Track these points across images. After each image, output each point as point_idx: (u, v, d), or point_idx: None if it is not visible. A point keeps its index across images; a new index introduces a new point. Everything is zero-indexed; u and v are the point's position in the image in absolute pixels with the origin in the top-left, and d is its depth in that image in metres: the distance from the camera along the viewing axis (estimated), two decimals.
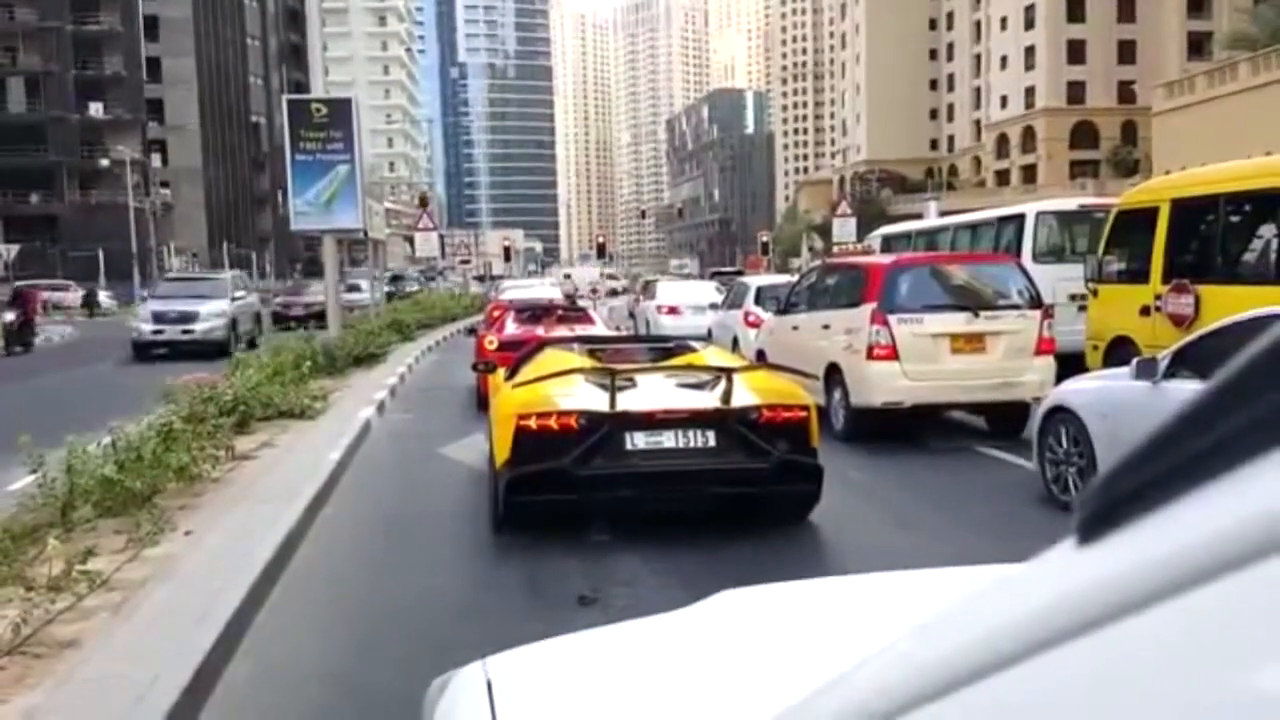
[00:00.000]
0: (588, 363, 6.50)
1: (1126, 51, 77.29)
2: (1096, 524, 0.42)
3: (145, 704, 3.47)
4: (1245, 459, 0.34)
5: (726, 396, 5.77)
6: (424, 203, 37.81)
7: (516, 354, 7.93)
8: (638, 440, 5.71)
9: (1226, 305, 7.59)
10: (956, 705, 0.45)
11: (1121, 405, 6.12)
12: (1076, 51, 77.91)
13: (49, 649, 3.99)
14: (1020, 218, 13.75)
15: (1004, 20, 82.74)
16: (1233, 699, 0.31)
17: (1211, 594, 0.33)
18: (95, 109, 64.89)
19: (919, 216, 31.83)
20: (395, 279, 45.33)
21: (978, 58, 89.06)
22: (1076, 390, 6.82)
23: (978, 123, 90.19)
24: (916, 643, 0.54)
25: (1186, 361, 5.76)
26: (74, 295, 45.42)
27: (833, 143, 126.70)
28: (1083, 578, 0.41)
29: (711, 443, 5.75)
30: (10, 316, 23.41)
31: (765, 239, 52.31)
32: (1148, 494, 0.39)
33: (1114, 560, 0.39)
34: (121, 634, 4.21)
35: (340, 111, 17.29)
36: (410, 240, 40.63)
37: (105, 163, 59.29)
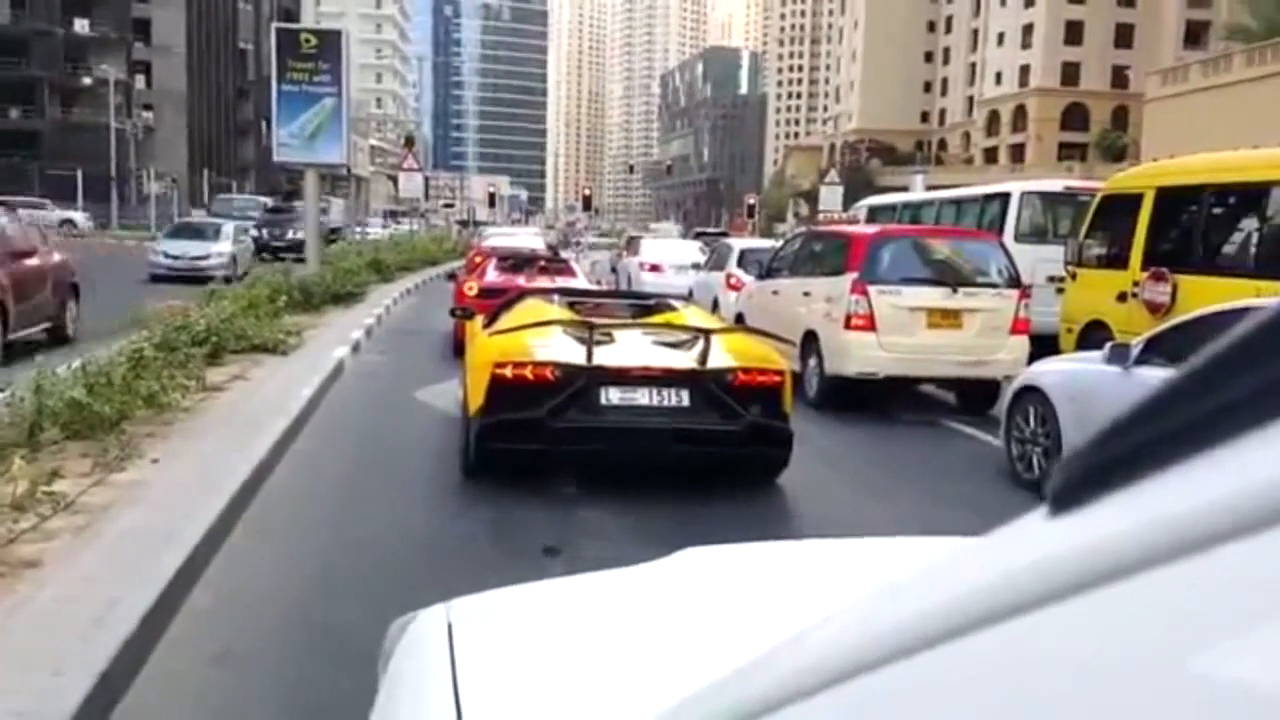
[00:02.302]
0: (567, 315, 6.49)
1: (1124, 35, 77.04)
2: (1069, 496, 0.42)
3: (104, 627, 3.48)
4: (1219, 439, 0.35)
5: (703, 357, 5.78)
6: (410, 143, 37.43)
7: (496, 302, 7.90)
8: (612, 395, 5.73)
9: (1203, 296, 7.65)
10: (913, 669, 0.45)
11: (1091, 389, 6.18)
12: (1074, 32, 77.58)
13: (10, 568, 3.98)
14: (1005, 196, 13.78)
15: None
16: (1190, 675, 0.32)
17: (1179, 571, 0.34)
18: (81, 25, 63.37)
19: (906, 189, 31.80)
20: (334, 230, 39.43)
21: (975, 32, 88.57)
22: (1048, 371, 6.88)
23: (970, 98, 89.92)
24: (877, 606, 0.54)
25: (1159, 349, 5.81)
26: (53, 214, 44.55)
27: (825, 109, 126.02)
28: (1052, 548, 0.41)
29: (685, 402, 5.78)
30: None
31: (752, 202, 52.05)
32: (1122, 468, 0.39)
33: (1084, 532, 0.39)
34: (84, 557, 4.21)
35: (330, 43, 17.02)
36: (394, 180, 40.17)
37: (88, 81, 58.07)
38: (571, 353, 5.74)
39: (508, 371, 5.68)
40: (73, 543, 4.35)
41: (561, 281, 11.88)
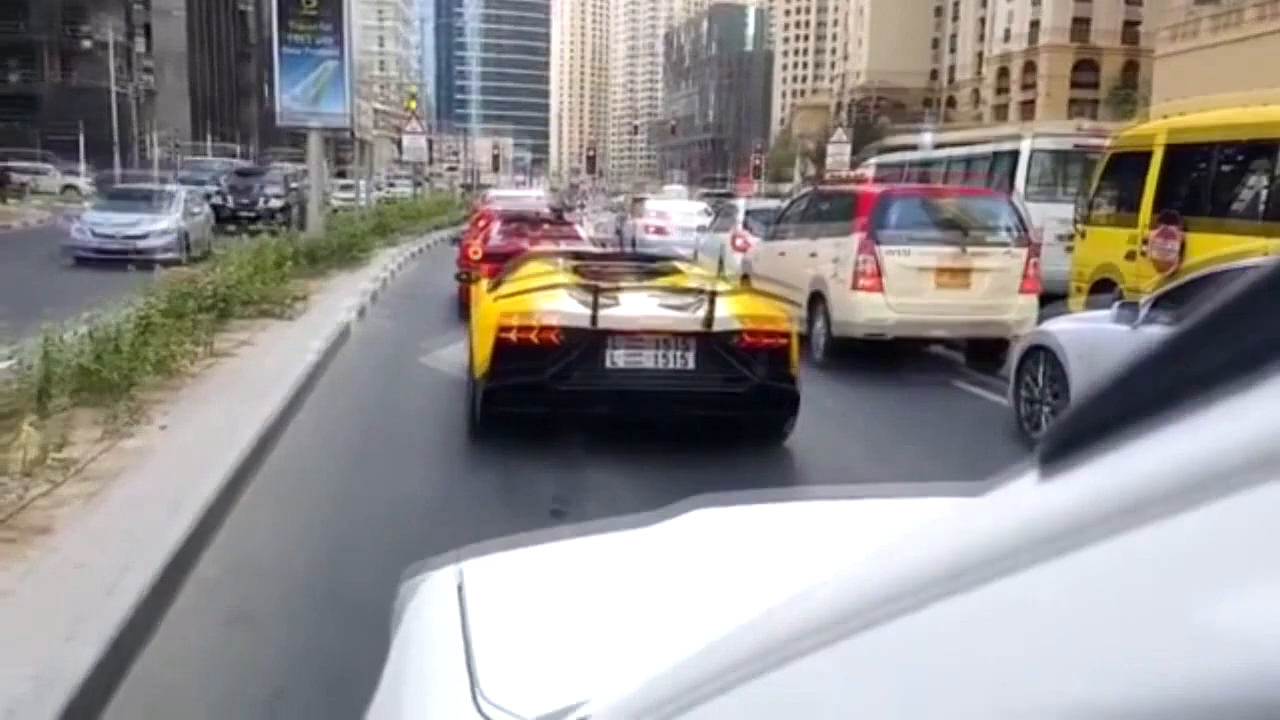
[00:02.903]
0: (572, 277, 6.47)
1: None
2: (1060, 455, 0.42)
3: (116, 593, 3.51)
4: (1214, 397, 0.35)
5: (708, 318, 5.76)
6: (413, 104, 37.13)
7: (500, 264, 7.88)
8: (617, 357, 5.72)
9: (1212, 251, 7.60)
10: (906, 626, 0.46)
11: (1099, 347, 6.16)
12: None
13: (21, 534, 4.01)
14: (1015, 153, 13.66)
15: None
16: (1176, 628, 0.33)
17: (1166, 527, 0.34)
18: None
19: (914, 146, 31.57)
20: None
21: None
22: (1056, 330, 6.85)
23: (980, 54, 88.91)
24: (871, 565, 0.55)
25: (1168, 306, 5.78)
26: (56, 179, 44.28)
27: (832, 66, 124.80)
28: (1042, 507, 0.41)
29: (691, 363, 5.77)
30: None
31: (758, 161, 51.76)
32: (1113, 427, 0.39)
33: (1075, 491, 0.40)
34: (94, 522, 4.23)
35: (331, 4, 16.83)
36: (398, 142, 39.96)
37: (87, 43, 57.62)
38: (576, 314, 5.73)
39: (513, 334, 5.68)
40: (83, 508, 4.38)
41: (566, 243, 11.84)
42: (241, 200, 26.01)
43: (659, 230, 20.12)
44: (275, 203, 26.19)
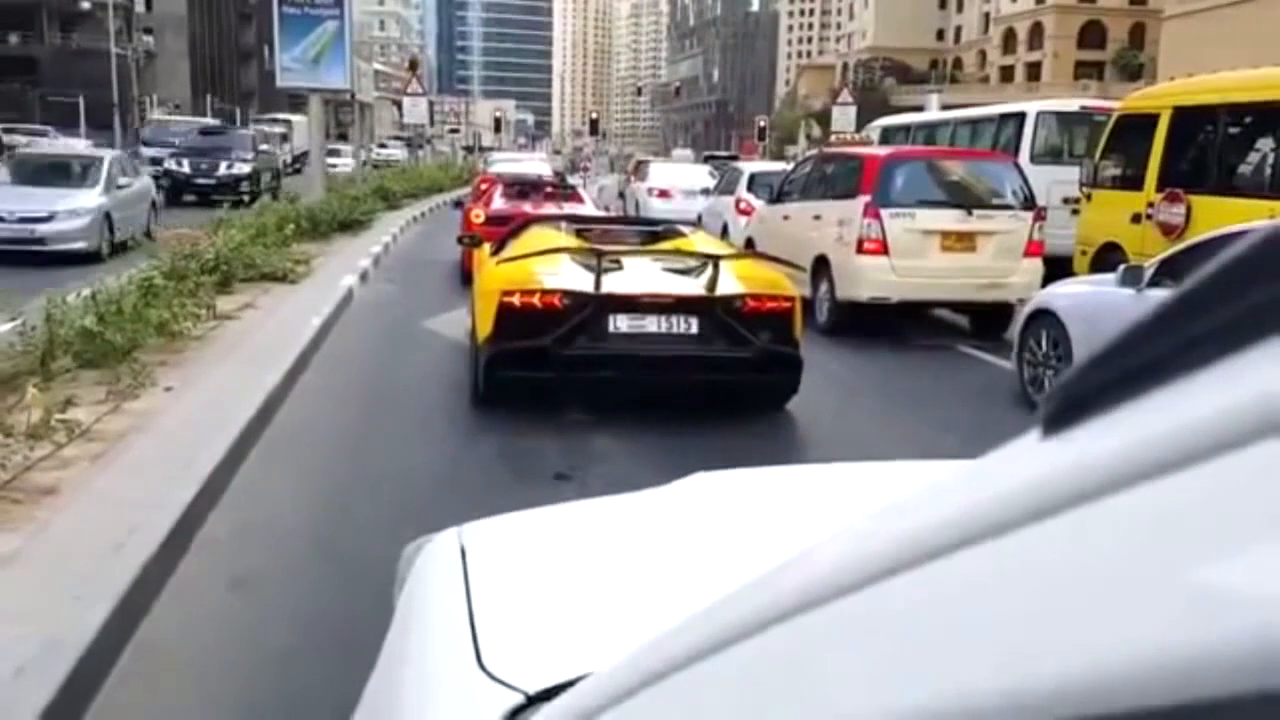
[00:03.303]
0: (575, 242, 6.45)
1: None
2: (1061, 417, 0.43)
3: (124, 553, 3.53)
4: (1214, 358, 0.36)
5: (712, 284, 5.75)
6: (414, 67, 36.81)
7: (503, 229, 7.85)
8: (620, 323, 5.71)
9: (1218, 217, 7.55)
10: (907, 584, 0.47)
11: (1104, 311, 6.14)
12: None
13: (28, 495, 4.04)
14: (1021, 116, 13.55)
15: None
16: (1174, 584, 0.33)
17: (1166, 485, 0.35)
18: None
19: (921, 108, 31.29)
20: (297, 158, 34.95)
21: None
22: (1061, 294, 6.84)
23: (987, 15, 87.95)
24: (872, 525, 0.56)
25: (1172, 271, 5.76)
26: (57, 143, 43.94)
27: (838, 27, 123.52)
28: (1043, 467, 0.42)
29: (694, 329, 5.76)
30: None
31: (763, 124, 51.34)
32: (1115, 389, 0.40)
33: (1076, 450, 0.40)
34: (101, 484, 4.26)
35: None
36: (399, 105, 39.64)
37: (87, 5, 57.06)
38: (579, 280, 5.72)
39: (515, 300, 5.67)
40: (89, 470, 4.41)
41: (569, 208, 11.79)
42: (199, 166, 22.32)
43: (662, 194, 20.01)
44: (241, 168, 22.46)
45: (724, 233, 13.67)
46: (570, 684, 0.96)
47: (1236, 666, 0.30)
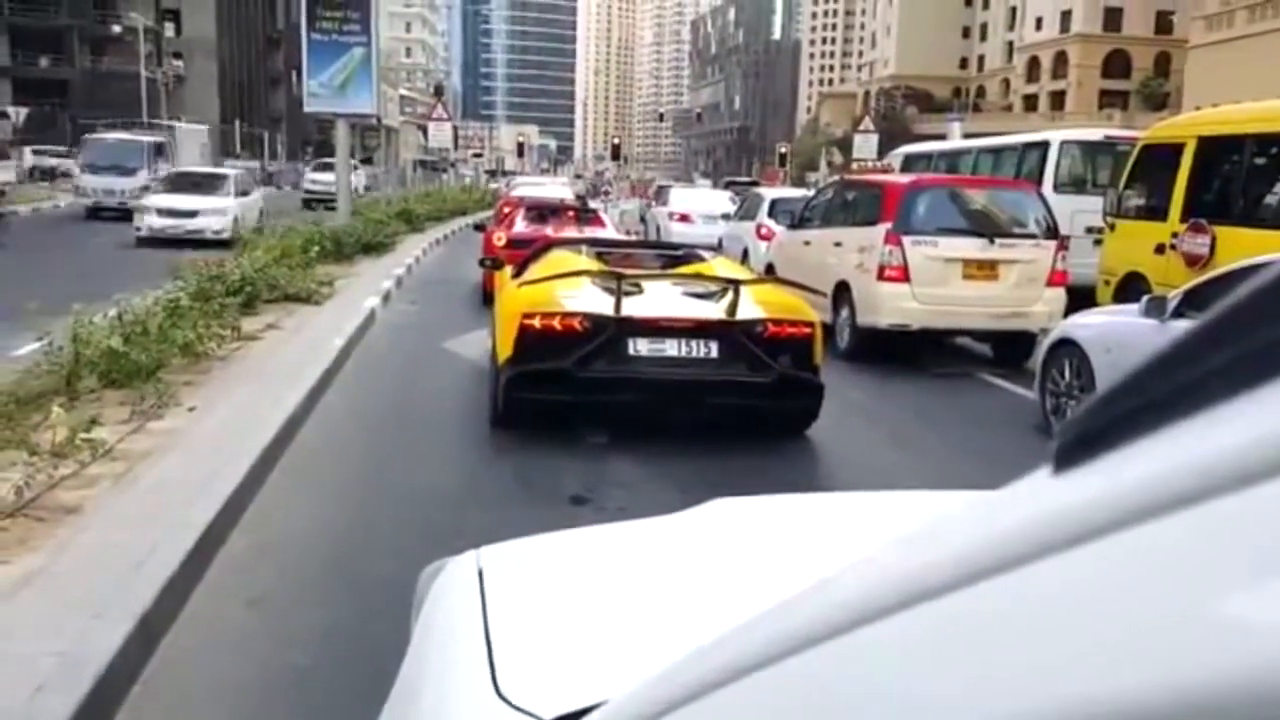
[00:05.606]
0: (595, 265, 6.48)
1: None
2: (1073, 452, 0.43)
3: (144, 572, 3.55)
4: (1230, 394, 0.35)
5: (732, 308, 5.75)
6: (439, 92, 37.15)
7: (524, 252, 7.89)
8: (640, 346, 5.72)
9: (1243, 248, 7.50)
10: (919, 616, 0.47)
11: (1127, 342, 6.10)
12: None
13: (51, 513, 4.07)
14: (1044, 145, 13.52)
15: None
16: (1194, 621, 0.33)
17: (1183, 524, 0.35)
18: None
19: (943, 137, 31.28)
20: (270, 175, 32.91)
21: None
22: (1083, 324, 6.80)
23: (1010, 44, 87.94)
24: (886, 557, 0.56)
25: (1196, 302, 5.71)
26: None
27: (860, 55, 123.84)
28: (1054, 503, 0.42)
29: (714, 354, 5.76)
30: None
31: (784, 151, 51.49)
32: (1127, 425, 0.39)
33: (1087, 487, 0.40)
34: (123, 503, 4.29)
35: None
36: (424, 130, 39.97)
37: (117, 29, 57.97)
38: (600, 303, 5.74)
39: (536, 322, 5.69)
40: (112, 489, 4.44)
41: (590, 231, 11.84)
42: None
43: (683, 218, 20.06)
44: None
45: (744, 258, 13.68)
46: (588, 710, 0.96)
47: (1253, 703, 0.30)
